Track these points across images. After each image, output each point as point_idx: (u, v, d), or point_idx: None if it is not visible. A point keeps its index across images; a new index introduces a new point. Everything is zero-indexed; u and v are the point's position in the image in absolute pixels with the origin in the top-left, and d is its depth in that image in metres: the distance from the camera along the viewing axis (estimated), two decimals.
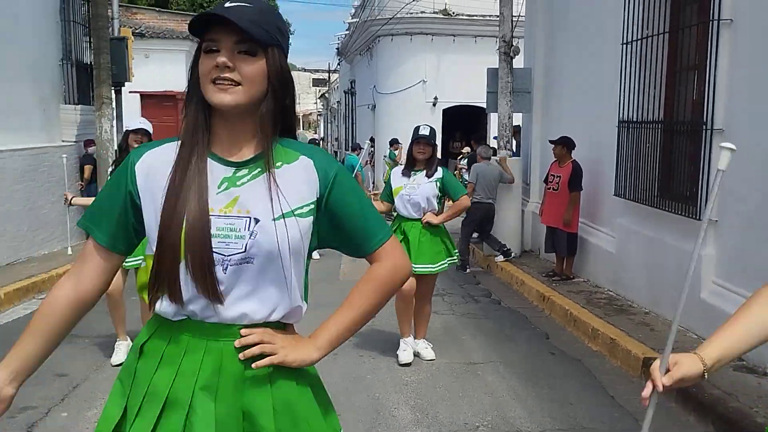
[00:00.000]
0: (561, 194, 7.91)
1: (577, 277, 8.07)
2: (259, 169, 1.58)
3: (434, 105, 19.88)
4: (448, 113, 20.08)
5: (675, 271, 5.97)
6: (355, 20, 25.22)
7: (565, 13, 9.25)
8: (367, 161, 18.51)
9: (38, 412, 4.23)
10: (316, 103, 56.01)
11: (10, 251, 8.85)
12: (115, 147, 10.75)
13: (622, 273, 7.13)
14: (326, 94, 45.97)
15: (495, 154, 10.03)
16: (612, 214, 7.47)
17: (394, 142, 16.48)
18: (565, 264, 8.04)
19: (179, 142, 1.60)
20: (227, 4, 1.56)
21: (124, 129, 5.52)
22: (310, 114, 59.82)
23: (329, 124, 44.08)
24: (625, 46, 6.92)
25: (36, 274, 8.14)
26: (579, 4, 8.77)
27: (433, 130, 5.30)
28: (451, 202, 5.39)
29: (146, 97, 19.05)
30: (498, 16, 10.17)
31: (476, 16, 19.20)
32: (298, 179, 1.60)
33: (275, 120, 1.59)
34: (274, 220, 1.53)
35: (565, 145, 7.98)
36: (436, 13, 19.60)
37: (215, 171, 1.58)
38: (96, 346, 5.56)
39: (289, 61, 1.68)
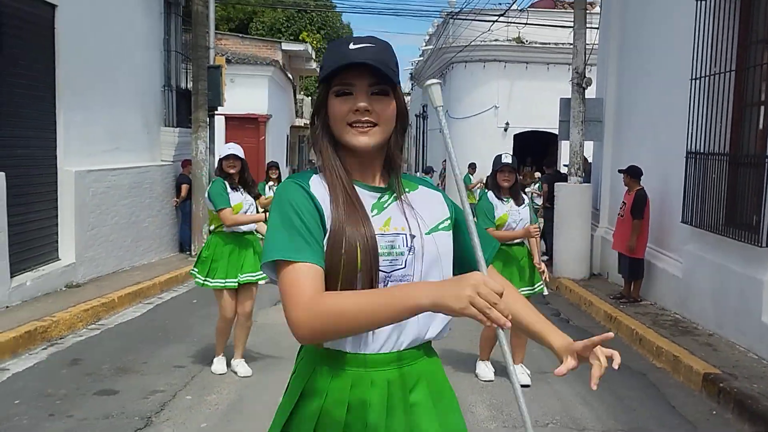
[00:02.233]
0: (626, 221, 8.30)
1: (645, 300, 8.42)
2: (394, 196, 1.67)
3: (505, 130, 20.34)
4: (518, 138, 20.51)
5: (738, 296, 6.32)
6: (429, 47, 25.92)
7: (636, 47, 9.67)
8: (438, 183, 19.10)
9: (166, 395, 4.94)
10: None
11: (116, 260, 9.75)
12: (208, 167, 11.69)
13: (688, 297, 7.46)
14: None
15: (566, 180, 10.47)
16: (679, 241, 7.82)
17: (471, 166, 17.01)
18: (632, 287, 8.40)
19: (325, 178, 1.64)
20: (353, 46, 1.59)
21: (217, 156, 6.00)
22: None
23: None
24: (693, 81, 7.32)
25: (141, 281, 8.98)
26: (650, 39, 9.17)
27: (514, 159, 5.51)
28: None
29: (230, 120, 20.13)
30: (570, 45, 10.63)
31: (549, 44, 19.63)
32: (428, 202, 1.71)
33: (400, 152, 1.70)
34: (427, 234, 1.63)
35: (629, 174, 8.37)
36: (510, 41, 20.11)
37: (365, 197, 1.65)
38: (203, 344, 6.24)
39: None
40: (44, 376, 5.40)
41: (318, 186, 1.64)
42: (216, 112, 13.40)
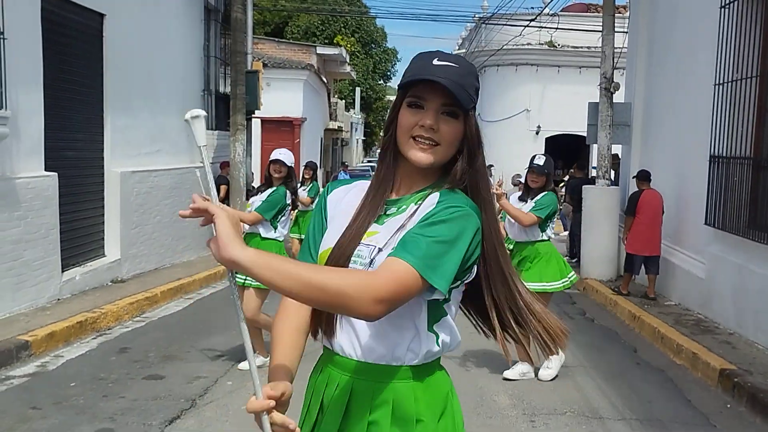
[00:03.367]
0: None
1: (669, 300, 8.60)
2: (404, 206, 1.65)
3: (537, 133, 20.53)
4: (550, 141, 20.65)
5: (758, 296, 6.50)
6: (461, 51, 26.17)
7: (663, 52, 9.84)
8: None
9: (209, 380, 5.31)
10: None
11: (158, 257, 10.20)
12: (245, 169, 12.10)
13: (710, 297, 7.63)
14: None
15: (594, 183, 10.67)
16: (702, 243, 7.98)
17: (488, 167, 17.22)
18: (649, 284, 8.82)
19: (368, 186, 1.71)
20: (436, 62, 1.61)
21: (255, 158, 6.33)
22: None
23: None
24: (717, 86, 7.49)
25: (182, 278, 9.40)
26: (676, 45, 9.35)
27: (548, 160, 5.55)
28: (561, 226, 5.99)
29: (266, 123, 20.58)
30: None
31: (581, 47, 19.77)
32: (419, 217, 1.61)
33: (462, 179, 1.66)
34: (390, 253, 1.52)
35: (637, 177, 9.09)
36: (542, 44, 20.29)
37: (382, 209, 1.68)
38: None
39: (392, 85, 1.78)
40: (96, 362, 5.81)
41: (345, 192, 1.77)
42: (253, 116, 13.86)
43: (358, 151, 46.31)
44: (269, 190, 5.58)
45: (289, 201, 5.56)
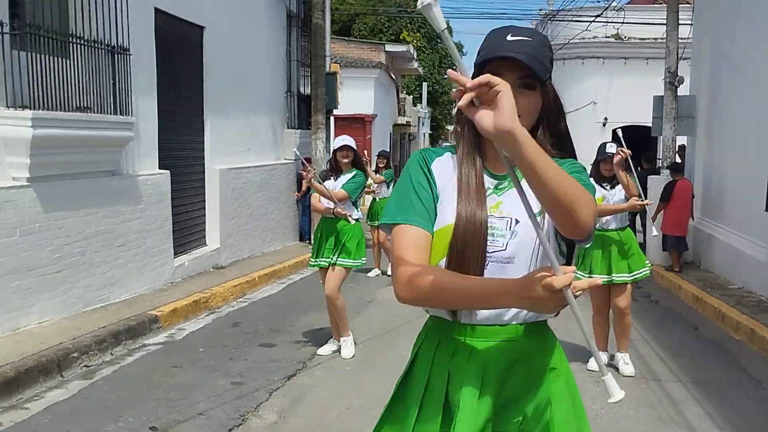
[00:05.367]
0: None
1: (732, 284, 9.04)
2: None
3: (604, 125, 20.79)
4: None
5: None
6: None
7: (728, 43, 10.20)
8: None
9: (313, 348, 6.14)
10: None
11: (250, 247, 11.16)
12: (325, 165, 12.97)
13: None
14: None
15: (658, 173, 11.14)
16: (764, 229, 8.41)
17: None
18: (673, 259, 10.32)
19: (459, 158, 1.75)
20: (510, 37, 1.64)
21: (332, 149, 6.51)
22: None
23: None
24: None
25: (273, 264, 10.33)
26: (741, 36, 9.72)
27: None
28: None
29: (338, 120, 21.45)
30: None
31: (648, 39, 19.95)
32: None
33: (548, 145, 1.70)
34: (534, 216, 1.50)
35: (669, 168, 10.62)
36: (608, 37, 20.54)
37: (487, 183, 1.73)
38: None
39: None
40: (214, 334, 6.72)
41: (443, 164, 1.77)
42: (331, 115, 14.74)
43: (425, 145, 46.95)
44: (349, 174, 5.87)
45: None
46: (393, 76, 27.62)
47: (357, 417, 4.56)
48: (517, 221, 1.66)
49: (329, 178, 6.00)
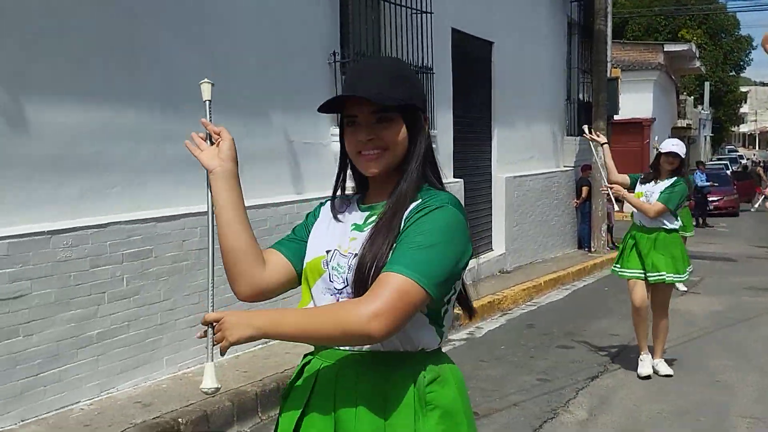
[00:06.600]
0: None
1: None
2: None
3: None
4: None
5: None
6: None
7: None
8: None
9: (611, 353, 6.24)
10: None
11: (532, 253, 11.42)
12: (605, 172, 12.81)
13: None
14: None
15: None
16: None
17: None
18: None
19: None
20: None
21: (657, 151, 6.04)
22: None
23: None
24: None
25: (557, 271, 10.48)
26: None
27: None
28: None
29: (613, 125, 20.91)
30: None
31: None
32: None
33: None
34: None
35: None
36: None
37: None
38: (627, 322, 7.33)
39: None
40: (511, 334, 7.08)
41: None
42: (611, 120, 14.49)
43: (705, 149, 43.74)
44: (669, 181, 5.43)
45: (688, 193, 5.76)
46: (672, 76, 26.27)
47: (670, 422, 4.60)
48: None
49: (650, 181, 5.61)
